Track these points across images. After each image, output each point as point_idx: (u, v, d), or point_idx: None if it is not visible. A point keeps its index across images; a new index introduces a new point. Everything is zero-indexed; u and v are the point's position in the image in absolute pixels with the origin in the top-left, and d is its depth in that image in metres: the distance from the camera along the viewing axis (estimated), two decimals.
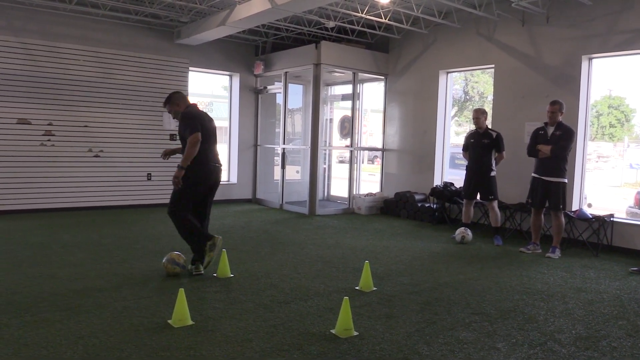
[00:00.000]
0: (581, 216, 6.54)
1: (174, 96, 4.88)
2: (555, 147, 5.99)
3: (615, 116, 21.34)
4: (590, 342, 3.47)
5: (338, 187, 11.08)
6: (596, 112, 19.71)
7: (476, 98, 20.65)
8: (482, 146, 6.83)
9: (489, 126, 7.13)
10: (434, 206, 8.45)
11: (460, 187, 7.93)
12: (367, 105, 13.01)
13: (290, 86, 9.88)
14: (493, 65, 7.92)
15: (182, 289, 3.56)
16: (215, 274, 4.76)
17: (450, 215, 8.42)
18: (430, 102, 8.88)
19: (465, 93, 20.66)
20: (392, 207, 9.16)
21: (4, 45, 7.88)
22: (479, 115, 6.89)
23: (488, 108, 8.06)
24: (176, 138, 9.12)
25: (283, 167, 9.79)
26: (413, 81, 9.19)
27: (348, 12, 7.86)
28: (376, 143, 11.36)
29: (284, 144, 9.83)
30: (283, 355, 3.09)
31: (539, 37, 7.29)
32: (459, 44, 8.34)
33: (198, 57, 9.72)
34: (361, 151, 10.88)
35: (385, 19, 8.18)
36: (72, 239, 6.28)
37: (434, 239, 7.02)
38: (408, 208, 8.84)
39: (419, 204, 8.66)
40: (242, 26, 8.24)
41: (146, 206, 9.21)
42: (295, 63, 9.44)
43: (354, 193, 9.77)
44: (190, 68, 9.64)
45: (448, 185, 8.39)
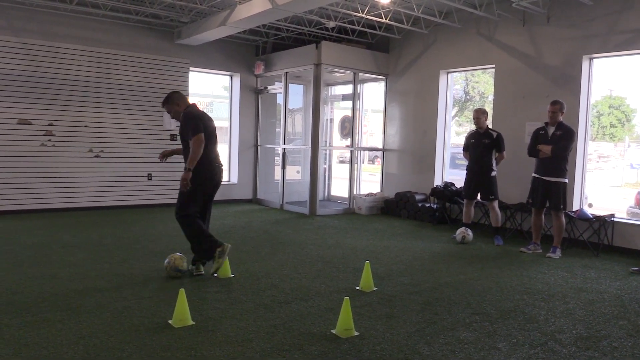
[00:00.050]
0: (582, 216, 6.54)
1: (174, 96, 4.78)
2: (555, 147, 5.99)
3: (615, 116, 21.34)
4: (591, 342, 3.46)
5: (338, 187, 11.08)
6: (597, 112, 19.70)
7: (477, 98, 20.65)
8: (483, 146, 6.83)
9: (490, 126, 7.13)
10: (435, 206, 8.44)
11: (460, 187, 7.93)
12: (368, 105, 13.03)
13: (290, 86, 9.87)
14: (493, 65, 7.92)
15: (183, 289, 3.57)
16: (215, 274, 4.75)
17: (450, 215, 8.42)
18: (430, 102, 8.88)
19: (465, 93, 20.66)
20: (393, 207, 9.16)
21: (5, 45, 7.88)
22: (480, 115, 6.89)
23: (488, 108, 8.07)
24: (176, 138, 9.13)
25: (283, 167, 9.78)
26: (413, 81, 9.19)
27: (348, 12, 7.86)
28: (376, 143, 11.36)
29: (285, 144, 9.83)
30: (284, 355, 3.09)
31: (540, 37, 7.29)
32: (460, 44, 8.34)
33: (198, 57, 9.73)
34: (361, 151, 10.89)
35: (385, 19, 8.18)
36: (73, 239, 6.29)
37: (435, 239, 7.02)
38: (408, 208, 8.84)
39: (420, 204, 8.66)
40: (243, 26, 8.25)
41: (146, 206, 9.21)
42: (295, 63, 9.44)
43: (355, 193, 9.77)
44: (190, 68, 9.64)
45: (448, 185, 8.39)
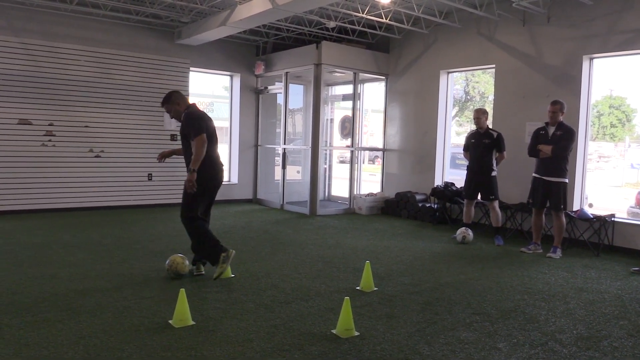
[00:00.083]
0: (582, 216, 6.54)
1: (174, 95, 4.72)
2: (556, 147, 5.99)
3: (616, 116, 21.34)
4: (591, 342, 3.46)
5: (339, 187, 11.08)
6: (597, 112, 19.70)
7: (477, 98, 20.65)
8: (483, 146, 6.83)
9: (490, 126, 7.13)
10: (435, 206, 8.44)
11: (461, 187, 7.93)
12: (368, 105, 13.06)
13: (291, 86, 9.87)
14: (494, 65, 7.92)
15: (183, 289, 3.56)
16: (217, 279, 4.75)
17: (451, 215, 8.41)
18: (431, 102, 8.87)
19: (466, 93, 20.66)
20: (393, 207, 9.16)
21: (5, 45, 7.88)
22: (480, 115, 6.89)
23: (489, 108, 8.07)
24: (177, 138, 9.13)
25: (284, 167, 9.78)
26: (414, 81, 9.19)
27: (349, 12, 7.86)
28: (377, 143, 11.35)
29: (285, 144, 9.83)
30: (284, 355, 3.09)
31: (540, 37, 7.29)
32: (460, 44, 8.34)
33: (199, 57, 9.73)
34: (362, 151, 10.89)
35: (386, 19, 8.18)
36: (73, 239, 6.29)
37: (435, 239, 7.02)
38: (409, 208, 8.84)
39: (420, 204, 8.65)
40: (243, 26, 8.24)
41: (147, 206, 9.21)
42: (296, 63, 9.44)
43: (355, 193, 9.77)
44: (191, 68, 9.64)
45: (449, 185, 8.39)
